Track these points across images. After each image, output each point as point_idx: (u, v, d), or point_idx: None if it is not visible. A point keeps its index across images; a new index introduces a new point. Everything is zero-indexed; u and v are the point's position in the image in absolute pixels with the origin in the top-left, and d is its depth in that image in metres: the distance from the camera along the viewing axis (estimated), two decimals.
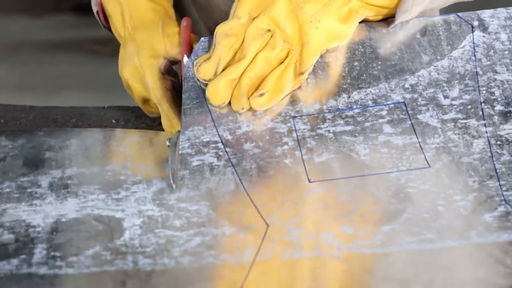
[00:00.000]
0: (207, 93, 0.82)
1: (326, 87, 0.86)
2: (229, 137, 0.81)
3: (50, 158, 0.83)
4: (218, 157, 0.80)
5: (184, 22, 0.90)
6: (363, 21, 0.88)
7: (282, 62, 0.83)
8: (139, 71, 0.90)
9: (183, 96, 0.84)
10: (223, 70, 0.83)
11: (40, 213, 0.75)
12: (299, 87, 0.85)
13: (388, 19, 0.90)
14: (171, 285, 0.67)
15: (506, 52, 0.87)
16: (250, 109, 0.84)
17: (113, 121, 0.97)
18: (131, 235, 0.72)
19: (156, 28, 0.90)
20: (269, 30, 0.83)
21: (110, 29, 0.97)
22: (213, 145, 0.81)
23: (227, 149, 0.80)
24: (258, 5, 0.84)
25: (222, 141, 0.81)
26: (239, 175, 0.78)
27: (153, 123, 0.96)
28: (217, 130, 0.81)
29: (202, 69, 0.83)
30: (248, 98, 0.83)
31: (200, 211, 0.75)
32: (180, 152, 0.80)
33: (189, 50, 0.87)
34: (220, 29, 0.83)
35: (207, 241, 0.71)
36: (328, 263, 0.69)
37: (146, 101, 0.92)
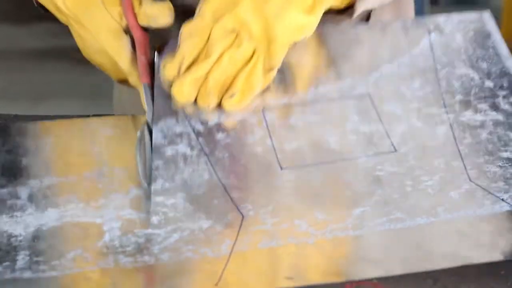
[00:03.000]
0: (172, 92, 0.82)
1: (293, 81, 0.87)
2: (201, 128, 0.82)
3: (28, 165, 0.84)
4: (191, 147, 0.81)
5: None
6: (327, 12, 0.88)
7: (248, 62, 0.83)
8: (108, 55, 0.88)
9: (155, 91, 0.84)
10: (188, 69, 0.83)
11: (21, 224, 0.76)
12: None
13: (350, 9, 0.90)
14: (151, 279, 0.69)
15: (462, 50, 0.92)
16: (218, 106, 0.84)
17: None
18: (111, 237, 0.74)
19: (95, 4, 0.88)
20: (234, 31, 0.83)
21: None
22: (186, 136, 0.82)
23: (200, 139, 0.82)
24: (222, 5, 0.84)
25: (194, 132, 0.82)
26: (213, 164, 0.80)
27: None
28: (189, 122, 0.82)
29: (166, 69, 0.83)
30: (219, 99, 0.83)
31: (177, 205, 0.77)
32: (153, 142, 0.81)
33: (132, 10, 0.86)
34: (185, 30, 0.83)
35: (185, 236, 0.74)
36: (304, 250, 0.72)
37: (123, 80, 0.91)
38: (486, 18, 0.95)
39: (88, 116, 1.00)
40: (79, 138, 0.88)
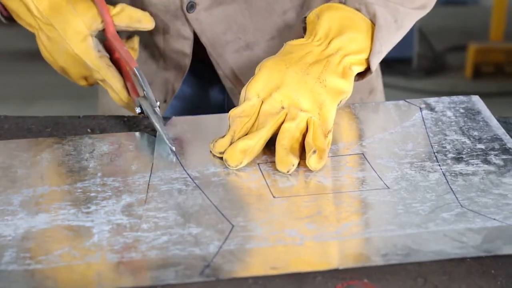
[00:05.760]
0: (225, 156, 0.87)
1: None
2: (197, 175, 0.86)
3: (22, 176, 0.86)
4: (187, 185, 0.85)
5: None
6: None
7: (305, 132, 0.89)
8: (75, 57, 0.98)
9: (155, 152, 0.90)
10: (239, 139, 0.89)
11: (11, 226, 0.77)
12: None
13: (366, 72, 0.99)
14: (136, 272, 0.71)
15: (453, 123, 0.97)
16: (221, 159, 0.88)
17: (88, 130, 0.96)
18: (100, 238, 0.75)
19: (68, 9, 0.98)
20: (282, 108, 0.90)
21: (9, 19, 1.04)
22: (182, 179, 0.86)
23: (196, 181, 0.85)
24: (264, 85, 0.91)
25: (190, 177, 0.86)
26: (207, 195, 0.82)
27: (130, 131, 0.96)
28: (186, 172, 0.87)
29: (218, 144, 0.89)
30: (301, 159, 0.87)
31: (168, 217, 0.79)
32: (149, 183, 0.84)
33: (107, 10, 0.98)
34: (233, 113, 0.90)
35: (174, 238, 0.75)
36: (291, 248, 0.74)
37: (84, 78, 1.01)
38: (476, 100, 1.01)
39: (78, 117, 1.00)
40: (75, 154, 0.90)
